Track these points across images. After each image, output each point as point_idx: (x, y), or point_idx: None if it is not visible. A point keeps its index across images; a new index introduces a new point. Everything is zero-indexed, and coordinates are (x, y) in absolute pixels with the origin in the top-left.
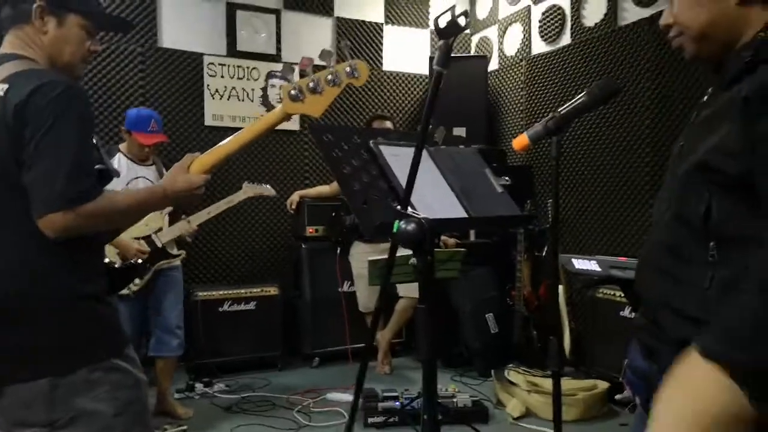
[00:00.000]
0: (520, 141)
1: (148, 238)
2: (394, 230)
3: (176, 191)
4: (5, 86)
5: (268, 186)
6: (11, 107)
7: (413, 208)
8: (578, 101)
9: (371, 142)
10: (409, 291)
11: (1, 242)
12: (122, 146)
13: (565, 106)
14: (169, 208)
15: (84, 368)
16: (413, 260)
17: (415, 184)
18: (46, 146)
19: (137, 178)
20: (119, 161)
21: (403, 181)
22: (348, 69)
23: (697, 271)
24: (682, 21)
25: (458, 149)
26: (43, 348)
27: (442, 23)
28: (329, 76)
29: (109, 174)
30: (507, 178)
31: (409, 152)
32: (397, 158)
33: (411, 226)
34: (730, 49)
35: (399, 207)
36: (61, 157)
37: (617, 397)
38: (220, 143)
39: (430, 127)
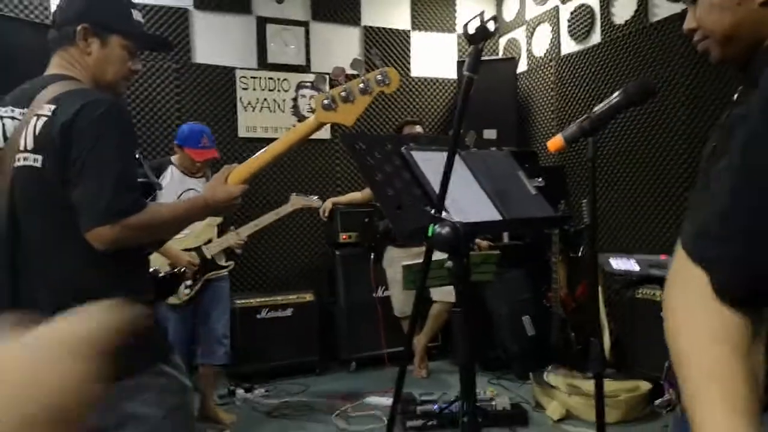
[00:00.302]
0: (555, 142)
1: (198, 250)
2: (429, 234)
3: (216, 201)
4: (53, 107)
5: (315, 197)
6: (58, 127)
7: (447, 212)
8: (613, 101)
9: (403, 148)
10: (443, 295)
11: (52, 260)
12: (174, 158)
13: (600, 106)
14: (219, 220)
15: (134, 375)
16: (449, 263)
17: (449, 190)
18: (92, 163)
19: (189, 190)
20: (172, 173)
21: (435, 185)
22: (379, 77)
23: None
24: (706, 25)
25: (490, 152)
26: None
27: (472, 29)
28: (361, 85)
29: (152, 187)
30: (540, 179)
31: (441, 156)
32: (429, 163)
33: (446, 230)
34: (756, 49)
35: (433, 211)
36: (106, 173)
37: (656, 402)
38: (256, 154)
39: (462, 131)
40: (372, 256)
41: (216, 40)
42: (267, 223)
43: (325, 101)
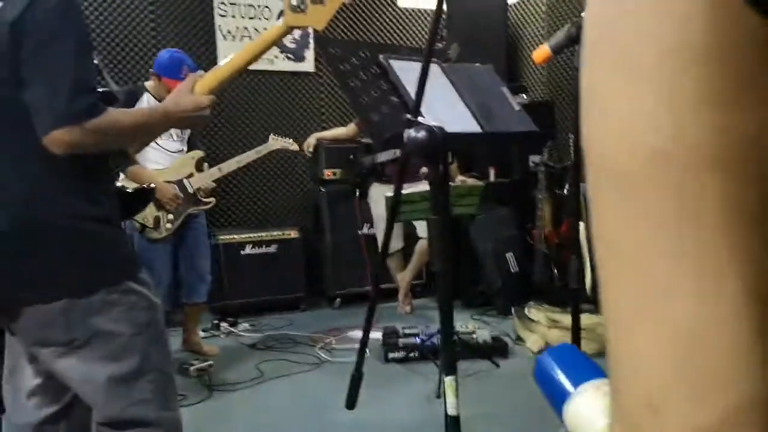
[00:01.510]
0: (541, 52)
1: (179, 183)
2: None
3: (182, 111)
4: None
5: (291, 140)
6: (7, 26)
7: (424, 117)
8: None
9: (381, 56)
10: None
11: (6, 168)
12: (149, 86)
13: None
14: (201, 154)
15: (101, 291)
16: (424, 170)
17: (428, 100)
18: (47, 62)
19: None
20: (148, 101)
21: (413, 94)
22: None
23: None
24: None
25: (473, 66)
26: (58, 270)
27: None
28: None
29: (114, 97)
30: (524, 95)
31: (420, 67)
32: (408, 72)
33: (422, 134)
34: None
35: (409, 116)
36: (61, 72)
37: None
38: (222, 62)
39: (444, 43)
40: (357, 193)
41: None
42: (248, 161)
43: (294, 2)
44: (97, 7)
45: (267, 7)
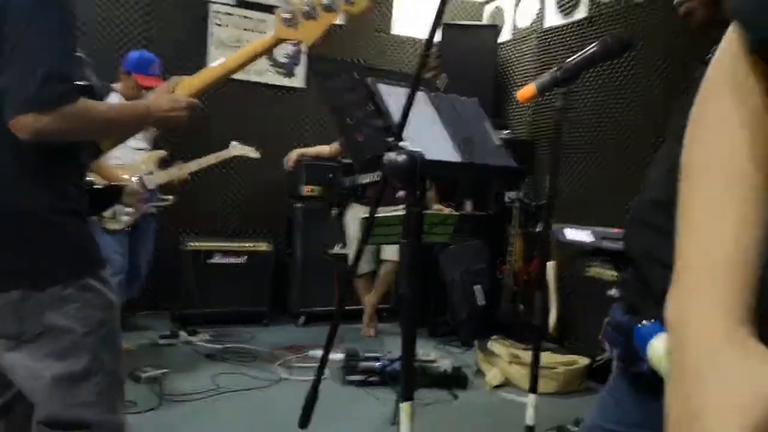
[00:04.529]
0: (527, 90)
1: (140, 179)
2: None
3: (161, 110)
4: None
5: (252, 149)
6: None
7: (405, 142)
8: (589, 51)
9: (369, 78)
10: (392, 254)
11: None
12: (117, 86)
13: (576, 56)
14: (162, 153)
15: (57, 285)
16: (401, 193)
17: (412, 126)
18: (24, 47)
19: None
20: (113, 101)
21: (398, 119)
22: None
23: None
24: None
25: (459, 98)
26: (17, 260)
27: None
28: (325, 1)
29: (93, 90)
30: (507, 131)
31: (408, 93)
32: (395, 97)
33: (401, 158)
34: None
35: (391, 139)
36: (37, 58)
37: (597, 359)
38: (207, 67)
39: (434, 73)
40: (333, 212)
41: None
42: (208, 164)
43: (286, 16)
44: (87, 9)
45: (264, 21)
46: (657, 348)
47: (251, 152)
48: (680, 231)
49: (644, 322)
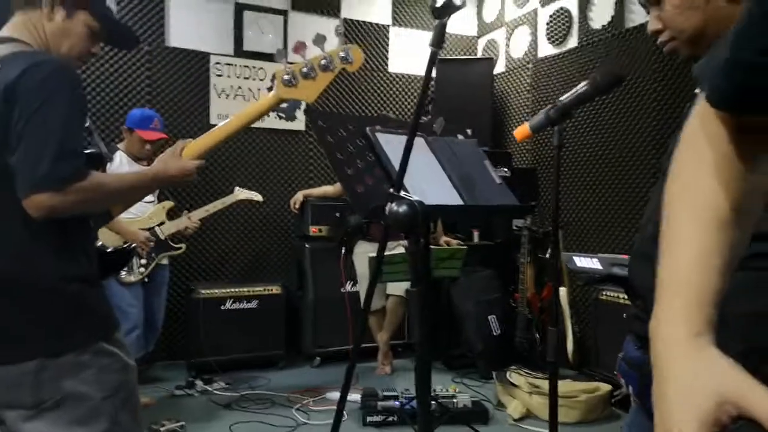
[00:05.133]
0: (521, 131)
1: (151, 231)
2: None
3: (169, 176)
4: None
5: (256, 193)
6: (1, 89)
7: (407, 191)
8: (580, 90)
9: (367, 128)
10: (396, 289)
11: None
12: (122, 145)
13: (567, 94)
14: (171, 204)
15: (73, 352)
16: (404, 242)
17: (411, 172)
18: (34, 127)
19: None
20: (120, 159)
21: (398, 167)
22: (342, 54)
23: None
24: (674, 25)
25: (457, 140)
26: (32, 330)
27: (439, 2)
28: (323, 61)
29: (102, 158)
30: (506, 169)
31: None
32: (394, 146)
33: (402, 208)
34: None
35: (391, 189)
36: (48, 137)
37: (615, 393)
38: (212, 129)
39: (430, 117)
40: (342, 251)
41: (191, 24)
42: (215, 210)
43: (286, 77)
44: (91, 67)
45: (262, 68)
46: None
47: (255, 196)
48: (660, 256)
49: None
